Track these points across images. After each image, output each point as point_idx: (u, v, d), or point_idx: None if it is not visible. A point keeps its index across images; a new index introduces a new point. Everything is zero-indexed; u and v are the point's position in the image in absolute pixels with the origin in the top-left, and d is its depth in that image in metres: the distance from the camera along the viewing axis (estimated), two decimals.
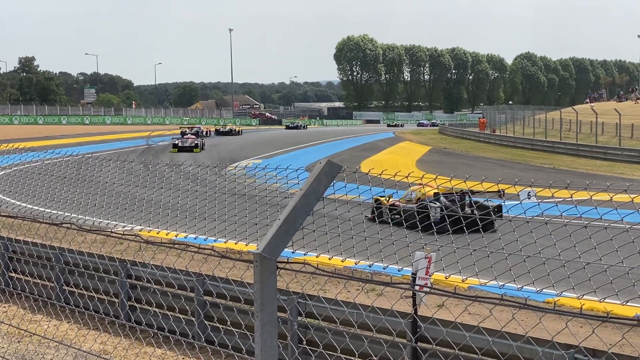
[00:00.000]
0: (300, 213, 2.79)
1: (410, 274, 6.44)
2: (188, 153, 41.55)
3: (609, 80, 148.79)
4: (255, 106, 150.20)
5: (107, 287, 9.39)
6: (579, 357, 5.99)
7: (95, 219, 7.72)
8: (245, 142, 54.52)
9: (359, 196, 3.71)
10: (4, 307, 10.08)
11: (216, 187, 6.60)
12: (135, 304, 9.32)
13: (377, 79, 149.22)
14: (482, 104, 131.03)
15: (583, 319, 3.23)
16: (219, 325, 7.84)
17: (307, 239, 4.48)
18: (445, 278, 4.42)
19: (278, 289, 2.86)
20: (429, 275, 6.48)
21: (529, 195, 4.69)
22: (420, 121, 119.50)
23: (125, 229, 7.11)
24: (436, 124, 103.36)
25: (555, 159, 40.29)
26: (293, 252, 4.09)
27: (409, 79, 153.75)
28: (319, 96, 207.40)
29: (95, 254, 8.93)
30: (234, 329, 7.45)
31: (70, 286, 10.08)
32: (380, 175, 4.80)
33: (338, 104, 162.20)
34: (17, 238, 10.92)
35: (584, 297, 3.92)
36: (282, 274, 3.27)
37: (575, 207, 3.82)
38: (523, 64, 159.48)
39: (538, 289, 3.90)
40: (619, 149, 41.18)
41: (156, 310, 8.61)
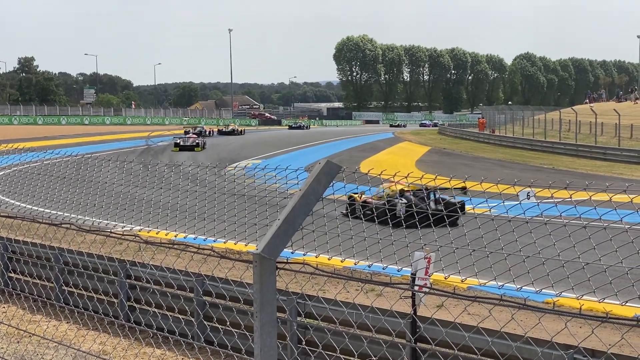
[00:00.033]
0: (299, 213, 2.79)
1: (410, 274, 6.43)
2: (189, 152, 41.80)
3: (608, 80, 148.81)
4: (254, 106, 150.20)
5: (107, 288, 9.39)
6: (578, 358, 5.99)
7: (94, 219, 7.72)
8: (246, 142, 54.55)
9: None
10: (3, 308, 10.08)
11: (215, 188, 6.61)
12: (135, 304, 9.32)
13: (377, 79, 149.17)
14: (482, 105, 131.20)
15: (582, 319, 3.23)
16: (218, 325, 7.83)
17: (307, 239, 4.49)
18: (445, 278, 4.43)
19: (277, 289, 2.86)
20: (429, 276, 6.48)
21: (528, 195, 4.69)
22: (422, 121, 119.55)
23: (124, 229, 7.11)
24: (438, 124, 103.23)
25: (555, 160, 40.29)
26: (292, 253, 4.10)
27: (409, 79, 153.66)
28: (319, 96, 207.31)
29: (95, 254, 8.93)
30: (233, 329, 7.45)
31: (70, 286, 10.07)
32: (379, 175, 4.80)
33: (337, 105, 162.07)
34: (17, 238, 10.92)
35: (583, 298, 3.92)
36: (282, 274, 3.27)
37: (575, 208, 3.83)
38: (522, 65, 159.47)
39: (537, 290, 3.90)
40: (618, 150, 41.20)
41: (155, 310, 8.61)
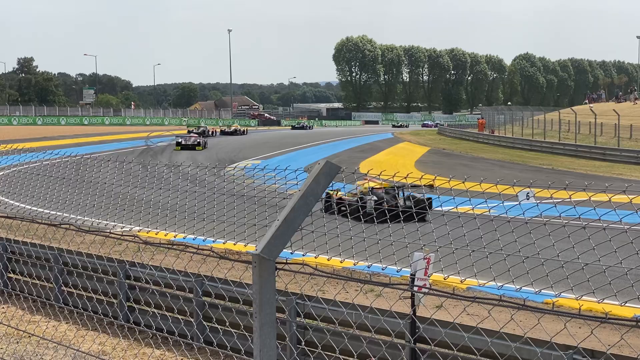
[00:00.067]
0: (299, 214, 2.79)
1: (409, 275, 6.43)
2: (189, 151, 42.02)
3: (607, 81, 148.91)
4: (254, 107, 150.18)
5: (106, 288, 9.38)
6: (578, 358, 5.98)
7: (94, 219, 7.72)
8: (247, 142, 54.59)
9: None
10: (3, 308, 10.07)
11: (215, 188, 6.61)
12: (134, 305, 9.31)
13: (376, 80, 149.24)
14: (481, 105, 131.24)
15: (582, 319, 3.23)
16: (217, 326, 7.82)
17: (306, 239, 4.48)
18: (444, 279, 4.43)
19: (277, 290, 2.86)
20: (428, 276, 6.48)
21: (527, 196, 4.69)
22: (425, 122, 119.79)
23: (124, 229, 7.12)
24: (439, 125, 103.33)
25: (554, 160, 40.30)
26: (292, 253, 4.09)
27: (408, 80, 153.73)
28: (318, 97, 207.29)
29: (94, 255, 8.93)
30: (232, 330, 7.45)
31: (69, 287, 10.06)
32: (379, 175, 4.80)
33: (337, 105, 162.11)
34: (16, 239, 10.92)
35: (582, 298, 3.92)
36: (281, 274, 3.27)
37: (574, 208, 3.83)
38: (522, 65, 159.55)
39: (537, 290, 3.90)
40: (617, 150, 41.21)
41: (155, 311, 8.60)
